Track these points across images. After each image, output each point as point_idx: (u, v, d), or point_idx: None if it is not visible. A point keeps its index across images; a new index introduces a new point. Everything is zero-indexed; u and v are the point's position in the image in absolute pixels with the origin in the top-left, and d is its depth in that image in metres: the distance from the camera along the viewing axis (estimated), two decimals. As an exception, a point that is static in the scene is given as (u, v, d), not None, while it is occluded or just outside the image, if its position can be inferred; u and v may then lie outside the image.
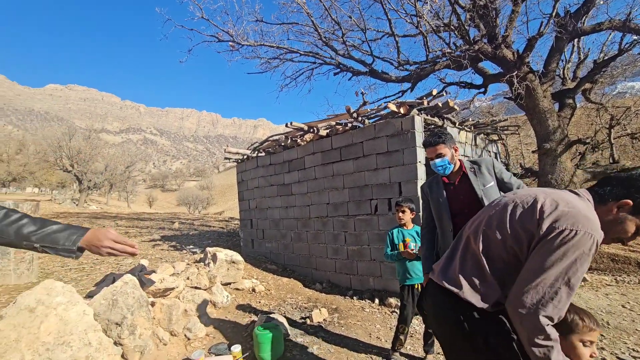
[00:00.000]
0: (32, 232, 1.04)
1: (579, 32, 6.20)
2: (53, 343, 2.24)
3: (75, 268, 4.72)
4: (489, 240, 1.26)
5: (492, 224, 1.27)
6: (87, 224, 10.35)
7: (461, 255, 1.36)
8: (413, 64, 7.18)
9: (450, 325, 1.30)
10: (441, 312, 1.36)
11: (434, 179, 2.36)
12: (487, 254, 1.26)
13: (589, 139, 7.03)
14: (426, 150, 2.25)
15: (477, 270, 1.28)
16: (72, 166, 24.04)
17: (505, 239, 1.21)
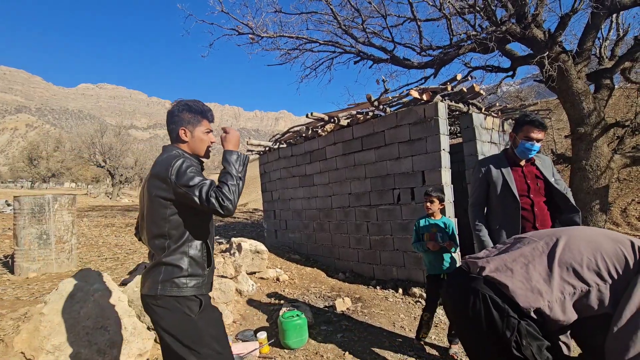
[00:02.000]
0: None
1: (618, 6, 5.76)
2: (92, 327, 2.39)
3: (111, 258, 4.98)
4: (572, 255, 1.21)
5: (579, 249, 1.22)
6: (120, 216, 10.88)
7: (522, 255, 1.28)
8: (436, 49, 6.93)
9: (478, 319, 1.23)
10: (472, 303, 1.26)
11: (495, 157, 2.37)
12: (565, 266, 1.20)
13: (628, 122, 6.57)
14: (531, 128, 2.16)
15: (539, 275, 1.21)
16: (104, 161, 25.25)
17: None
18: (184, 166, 1.47)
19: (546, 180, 2.17)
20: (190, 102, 1.67)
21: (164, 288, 1.47)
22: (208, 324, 1.53)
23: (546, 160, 2.30)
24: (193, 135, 1.64)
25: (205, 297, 1.58)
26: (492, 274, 1.25)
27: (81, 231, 7.19)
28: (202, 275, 1.55)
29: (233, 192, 1.42)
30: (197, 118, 1.66)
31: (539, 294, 1.17)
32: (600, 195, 6.04)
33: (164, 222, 1.50)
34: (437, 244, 2.88)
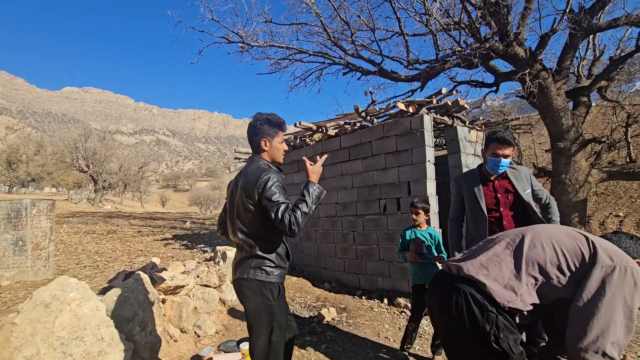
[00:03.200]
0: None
1: (594, 28, 6.05)
2: (67, 337, 2.30)
3: (90, 266, 4.84)
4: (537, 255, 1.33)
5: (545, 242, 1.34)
6: (102, 223, 10.60)
7: (495, 255, 1.39)
8: (423, 63, 7.11)
9: (461, 315, 1.31)
10: (455, 300, 1.35)
11: (470, 173, 2.44)
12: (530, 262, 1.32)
13: (604, 138, 6.84)
14: (497, 145, 2.24)
15: (510, 272, 1.33)
16: (87, 167, 24.65)
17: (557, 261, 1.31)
18: (270, 182, 1.77)
19: (517, 194, 2.24)
20: (269, 116, 1.97)
21: (255, 273, 1.82)
22: (280, 312, 1.85)
23: (522, 172, 2.35)
24: (272, 145, 1.95)
25: (283, 286, 1.91)
26: (471, 274, 1.35)
27: (60, 238, 6.97)
28: (284, 267, 1.91)
29: (303, 220, 1.70)
30: (275, 130, 1.95)
31: (512, 290, 1.28)
32: (579, 208, 6.23)
33: (254, 222, 1.83)
34: (415, 255, 2.92)
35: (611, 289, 1.15)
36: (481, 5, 5.98)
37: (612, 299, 1.14)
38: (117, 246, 6.57)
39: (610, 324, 1.13)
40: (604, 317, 1.13)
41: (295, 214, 1.68)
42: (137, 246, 6.73)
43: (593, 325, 1.14)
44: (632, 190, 12.72)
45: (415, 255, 2.93)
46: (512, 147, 2.24)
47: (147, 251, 6.19)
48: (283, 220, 1.67)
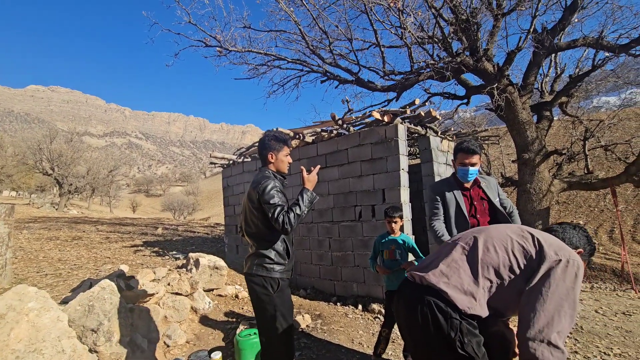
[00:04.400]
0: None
1: (555, 47, 6.48)
2: (24, 350, 2.17)
3: (52, 274, 4.57)
4: (491, 256, 1.39)
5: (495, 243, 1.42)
6: (67, 228, 10.06)
7: (453, 261, 1.44)
8: (398, 74, 7.32)
9: (427, 324, 1.35)
10: (420, 310, 1.38)
11: (446, 181, 2.53)
12: (486, 266, 1.38)
13: (565, 150, 7.29)
14: (464, 155, 2.36)
15: (469, 278, 1.38)
16: (52, 169, 23.38)
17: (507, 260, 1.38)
18: (268, 187, 2.08)
19: (490, 201, 2.36)
20: (276, 133, 2.31)
21: (257, 269, 2.14)
22: (282, 302, 2.14)
23: (491, 182, 2.49)
24: (277, 157, 2.26)
25: (284, 281, 2.18)
26: (433, 282, 1.40)
27: (19, 244, 6.55)
28: (283, 264, 2.17)
29: (295, 221, 2.01)
30: (280, 145, 2.27)
31: (471, 296, 1.35)
32: (543, 216, 6.58)
33: (257, 223, 2.16)
34: (385, 269, 2.99)
35: (555, 282, 1.24)
36: (453, 21, 6.27)
37: (556, 290, 1.23)
38: (82, 253, 6.25)
39: (555, 314, 1.21)
40: (549, 308, 1.22)
41: (289, 215, 1.99)
42: (104, 253, 6.43)
43: (539, 317, 1.22)
44: (590, 200, 13.57)
45: (390, 263, 3.00)
46: (478, 155, 2.35)
47: (115, 258, 5.93)
48: (278, 220, 1.98)
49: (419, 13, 6.23)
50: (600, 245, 10.46)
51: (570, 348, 3.21)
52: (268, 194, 2.05)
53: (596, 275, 8.43)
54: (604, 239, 10.85)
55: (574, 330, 3.62)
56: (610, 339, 3.40)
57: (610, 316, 4.02)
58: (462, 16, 6.04)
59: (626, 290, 5.57)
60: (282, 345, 2.15)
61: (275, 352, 2.17)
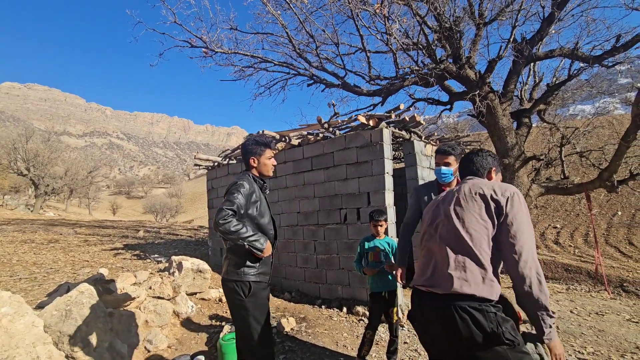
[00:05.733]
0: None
1: (534, 57, 6.72)
2: (-4, 357, 2.09)
3: (26, 278, 4.41)
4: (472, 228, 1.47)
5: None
6: (43, 231, 9.70)
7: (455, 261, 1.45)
8: (384, 79, 7.43)
9: (468, 329, 1.33)
10: (459, 318, 1.35)
11: (429, 185, 2.59)
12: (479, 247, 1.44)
13: (543, 156, 7.54)
14: (438, 156, 2.48)
15: (477, 268, 1.42)
16: (27, 170, 22.51)
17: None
18: (235, 186, 2.08)
19: None
20: (257, 137, 2.32)
21: (228, 272, 2.12)
22: (255, 307, 2.08)
23: None
24: (259, 161, 2.28)
25: (258, 284, 2.11)
26: (458, 291, 1.39)
27: (-9, 248, 6.28)
28: (254, 267, 2.11)
29: (227, 228, 1.92)
30: (262, 149, 2.27)
31: (490, 281, 1.40)
32: (521, 220, 6.77)
33: None
34: (373, 269, 3.02)
35: (516, 217, 1.41)
36: (437, 29, 6.42)
37: (521, 223, 1.41)
38: (59, 256, 6.04)
39: (529, 242, 1.41)
40: (524, 239, 1.39)
41: (231, 221, 1.94)
42: (82, 256, 6.23)
43: (521, 251, 1.37)
44: (567, 204, 14.07)
45: (375, 265, 3.03)
46: (451, 156, 2.42)
47: (94, 262, 5.76)
48: (220, 212, 1.94)
49: (404, 20, 6.36)
50: (575, 248, 10.85)
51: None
52: (231, 192, 2.06)
53: (572, 277, 8.73)
54: (579, 242, 11.27)
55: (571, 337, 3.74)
56: (585, 338, 3.53)
57: (585, 316, 4.18)
58: (445, 24, 6.20)
59: (600, 291, 5.79)
60: (257, 350, 2.09)
61: (249, 358, 2.11)
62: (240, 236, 1.95)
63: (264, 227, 2.19)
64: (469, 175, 1.71)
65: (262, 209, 2.20)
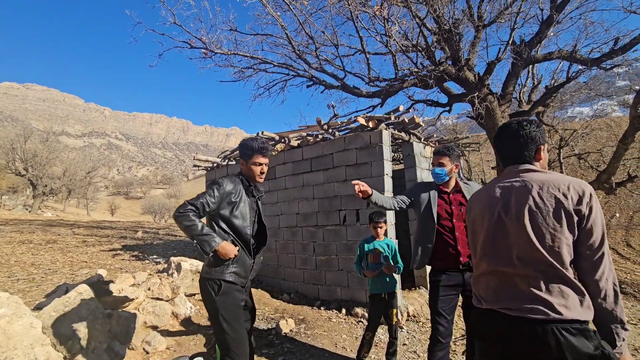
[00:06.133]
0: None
1: (533, 59, 6.75)
2: (-6, 358, 2.08)
3: (24, 279, 4.39)
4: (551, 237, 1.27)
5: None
6: (41, 231, 9.67)
7: (533, 280, 1.27)
8: (383, 81, 7.45)
9: (563, 355, 1.17)
10: (556, 343, 1.18)
11: (429, 184, 2.58)
12: (560, 257, 1.26)
13: (541, 158, 7.57)
14: (433, 157, 2.52)
15: (569, 286, 1.24)
16: (26, 170, 22.44)
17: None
18: (211, 184, 2.14)
19: None
20: (247, 141, 2.31)
21: (203, 271, 2.16)
22: (225, 306, 2.06)
23: (473, 187, 2.55)
24: (247, 166, 2.28)
25: (229, 284, 2.09)
26: (557, 316, 1.21)
27: (-12, 248, 6.26)
28: (227, 266, 2.09)
29: (182, 221, 1.97)
30: (249, 153, 2.26)
31: (580, 295, 1.24)
32: (520, 221, 6.78)
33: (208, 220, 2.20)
34: (373, 271, 3.01)
35: (597, 218, 1.25)
36: (436, 31, 6.44)
37: (600, 226, 1.24)
38: (57, 257, 6.02)
39: (605, 250, 1.24)
40: (600, 246, 1.24)
41: (186, 216, 1.97)
42: (80, 257, 6.21)
43: (598, 258, 1.23)
44: (565, 205, 14.10)
45: (375, 267, 3.03)
46: (445, 156, 2.44)
47: (93, 263, 5.74)
48: (181, 205, 2.01)
49: (403, 22, 6.38)
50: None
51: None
52: (207, 188, 2.13)
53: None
54: (577, 244, 11.30)
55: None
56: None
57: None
58: (444, 26, 6.22)
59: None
60: (230, 351, 2.03)
61: (225, 357, 2.06)
62: (192, 232, 1.97)
63: (237, 229, 2.15)
64: (519, 160, 1.41)
65: (242, 210, 2.17)
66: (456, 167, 2.50)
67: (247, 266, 2.19)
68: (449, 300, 2.30)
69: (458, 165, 2.54)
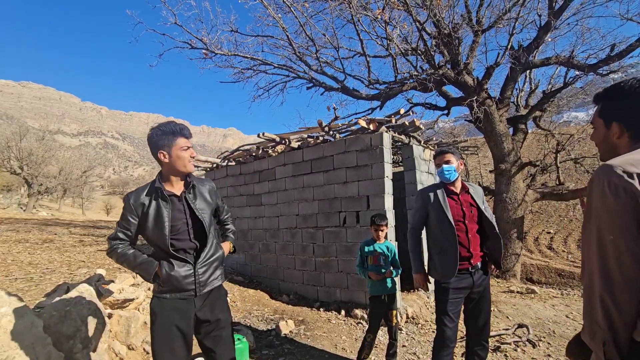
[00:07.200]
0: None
1: (530, 64, 6.83)
2: (-4, 358, 2.08)
3: (22, 278, 4.36)
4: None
5: None
6: (37, 231, 9.60)
7: None
8: (382, 84, 7.51)
9: None
10: None
11: (434, 187, 2.50)
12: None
13: (538, 162, 7.64)
14: (436, 159, 2.46)
15: None
16: (21, 168, 22.26)
17: None
18: (125, 202, 1.83)
19: (479, 208, 2.41)
20: (162, 126, 1.84)
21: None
22: (153, 330, 1.86)
23: (478, 190, 2.54)
24: (171, 155, 1.80)
25: (162, 300, 1.82)
26: None
27: (-16, 247, 6.21)
28: (157, 283, 1.83)
29: (116, 261, 1.82)
30: (169, 138, 1.80)
31: None
32: (518, 225, 6.85)
33: None
34: (378, 274, 3.02)
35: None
36: (436, 35, 6.50)
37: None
38: (54, 256, 5.98)
39: None
40: None
41: (114, 252, 1.80)
42: (78, 257, 6.18)
43: None
44: (560, 209, 14.24)
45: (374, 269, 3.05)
46: (449, 153, 2.41)
47: (91, 262, 5.71)
48: (108, 241, 1.83)
49: (404, 25, 6.43)
50: (569, 253, 10.98)
51: (544, 351, 3.36)
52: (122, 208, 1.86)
53: (565, 282, 8.84)
54: (572, 248, 11.39)
55: (546, 334, 3.79)
56: (580, 342, 3.57)
57: (580, 321, 4.23)
58: (444, 30, 6.28)
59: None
60: None
61: None
62: (128, 266, 1.80)
63: (153, 240, 1.82)
64: None
65: (153, 219, 1.79)
66: (461, 164, 2.48)
67: (180, 276, 1.80)
68: (457, 303, 2.28)
69: (462, 162, 2.53)
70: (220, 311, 2.00)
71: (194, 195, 1.92)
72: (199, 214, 1.88)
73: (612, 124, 1.14)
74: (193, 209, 1.87)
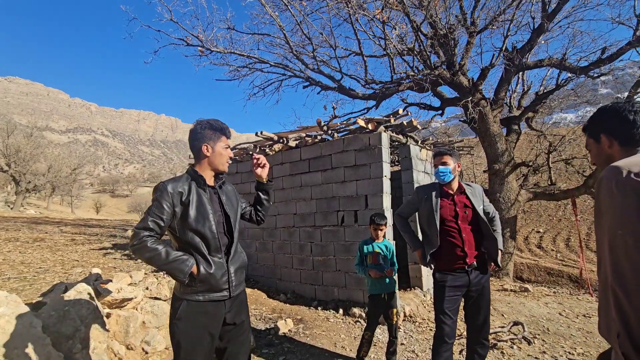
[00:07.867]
0: None
1: (524, 66, 6.94)
2: (-5, 358, 2.05)
3: (15, 278, 4.28)
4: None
5: None
6: (27, 229, 9.42)
7: None
8: (379, 83, 7.54)
9: None
10: None
11: (431, 186, 2.57)
12: None
13: (531, 162, 7.77)
14: (435, 159, 2.51)
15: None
16: (8, 165, 21.80)
17: None
18: (153, 194, 1.70)
19: (474, 209, 2.46)
20: (211, 121, 1.86)
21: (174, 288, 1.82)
22: (181, 332, 1.68)
23: (477, 189, 2.59)
24: (214, 150, 1.82)
25: (194, 303, 1.68)
26: None
27: (-27, 246, 6.08)
28: (189, 284, 1.68)
29: (143, 256, 1.61)
30: (217, 135, 1.84)
31: None
32: (511, 224, 6.96)
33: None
34: (378, 272, 3.05)
35: None
36: (432, 36, 6.56)
37: None
38: (47, 256, 5.88)
39: None
40: None
41: (144, 246, 1.59)
42: (71, 256, 6.09)
43: None
44: (550, 209, 14.50)
45: (374, 268, 3.08)
46: (446, 155, 2.47)
47: (84, 261, 5.64)
48: (135, 234, 1.60)
49: (402, 26, 6.47)
50: (557, 252, 11.19)
51: (539, 348, 3.44)
52: (152, 201, 1.68)
53: (554, 280, 9.01)
54: (561, 246, 11.62)
55: (541, 331, 3.87)
56: (574, 339, 3.66)
57: (573, 318, 4.33)
58: (440, 31, 6.34)
59: (584, 294, 6.00)
60: None
61: None
62: (157, 263, 1.61)
63: (200, 231, 1.71)
64: None
65: (195, 208, 1.72)
66: (458, 166, 2.52)
67: (218, 275, 1.73)
68: (454, 301, 2.34)
69: (460, 164, 2.57)
70: (245, 314, 1.91)
71: (222, 191, 1.92)
72: (229, 209, 1.87)
73: (601, 136, 1.27)
74: (223, 203, 1.86)
